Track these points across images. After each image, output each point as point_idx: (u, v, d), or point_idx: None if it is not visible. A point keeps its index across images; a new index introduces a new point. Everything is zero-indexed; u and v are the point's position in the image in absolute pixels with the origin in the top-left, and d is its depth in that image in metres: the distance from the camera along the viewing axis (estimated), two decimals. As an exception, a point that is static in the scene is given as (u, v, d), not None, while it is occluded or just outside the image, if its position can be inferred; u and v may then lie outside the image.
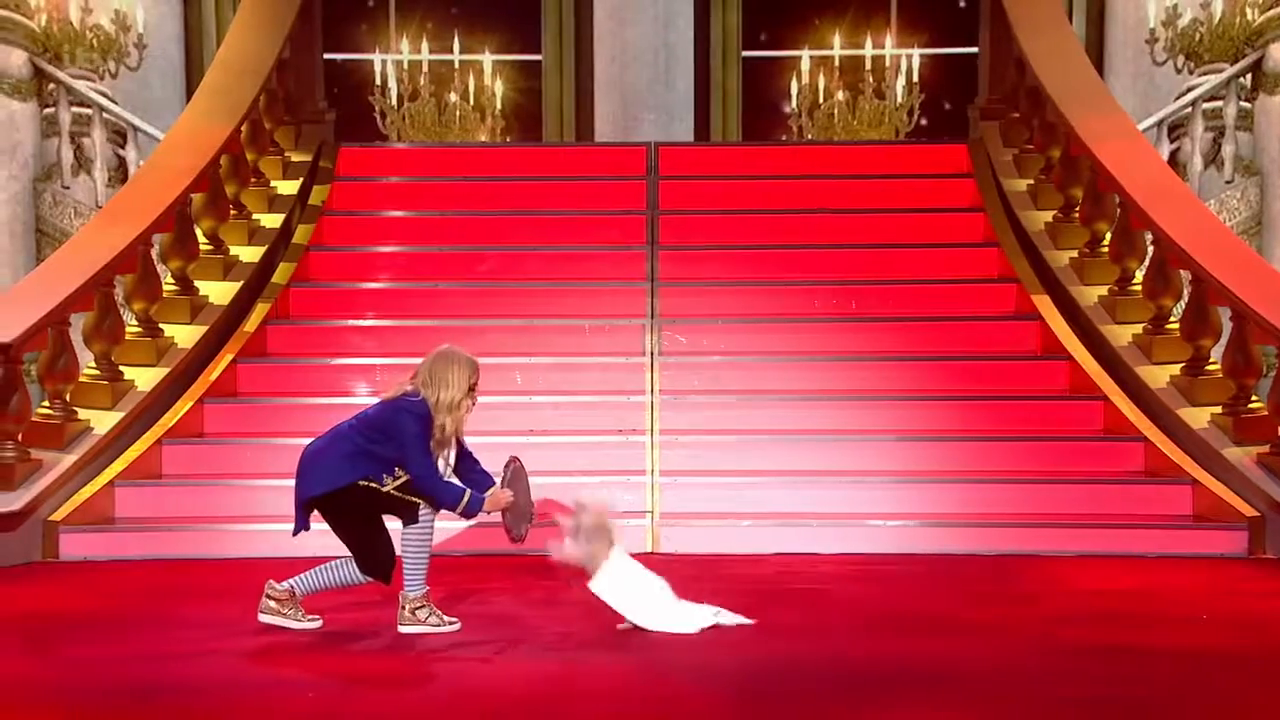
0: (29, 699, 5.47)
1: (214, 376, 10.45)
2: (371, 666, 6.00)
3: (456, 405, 6.62)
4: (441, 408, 6.58)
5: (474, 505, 6.69)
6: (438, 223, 12.44)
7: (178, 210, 10.70)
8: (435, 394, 6.58)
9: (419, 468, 6.52)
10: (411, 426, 6.52)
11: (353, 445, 6.60)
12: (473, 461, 6.98)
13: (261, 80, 12.21)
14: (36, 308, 9.09)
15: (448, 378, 6.64)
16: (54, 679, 5.80)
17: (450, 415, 6.61)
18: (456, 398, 6.62)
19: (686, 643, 6.44)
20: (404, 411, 6.55)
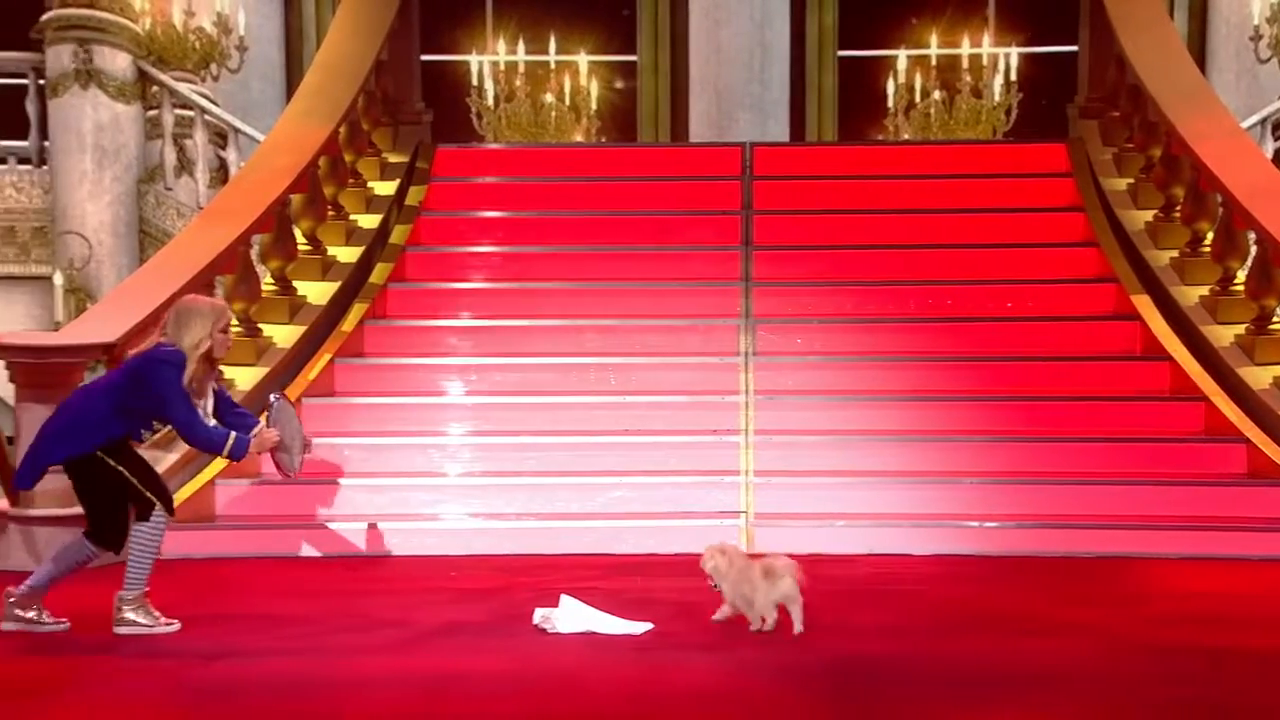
0: (125, 696, 5.52)
1: (312, 376, 10.51)
2: (469, 664, 6.00)
3: (198, 345, 6.53)
4: (188, 352, 6.52)
5: (239, 447, 6.67)
6: (532, 223, 12.45)
7: (277, 211, 10.77)
8: (182, 341, 6.52)
9: (180, 414, 6.50)
10: (166, 374, 6.47)
11: (109, 403, 6.54)
12: (231, 404, 6.95)
13: (360, 82, 12.27)
14: (139, 308, 9.17)
15: (190, 323, 6.56)
16: (149, 677, 5.85)
17: (193, 355, 6.52)
18: (199, 338, 6.53)
19: (779, 642, 6.40)
20: (156, 361, 6.51)
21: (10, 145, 15.38)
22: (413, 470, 9.77)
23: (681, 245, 12.00)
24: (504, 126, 17.54)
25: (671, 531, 9.06)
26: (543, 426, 10.15)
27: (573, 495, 9.48)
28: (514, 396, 10.48)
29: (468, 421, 10.28)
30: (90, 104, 14.64)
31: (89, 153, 14.74)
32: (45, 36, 14.82)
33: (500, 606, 7.16)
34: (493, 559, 8.56)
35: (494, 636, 6.57)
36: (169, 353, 6.50)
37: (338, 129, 11.79)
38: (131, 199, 14.97)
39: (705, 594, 7.57)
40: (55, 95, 14.77)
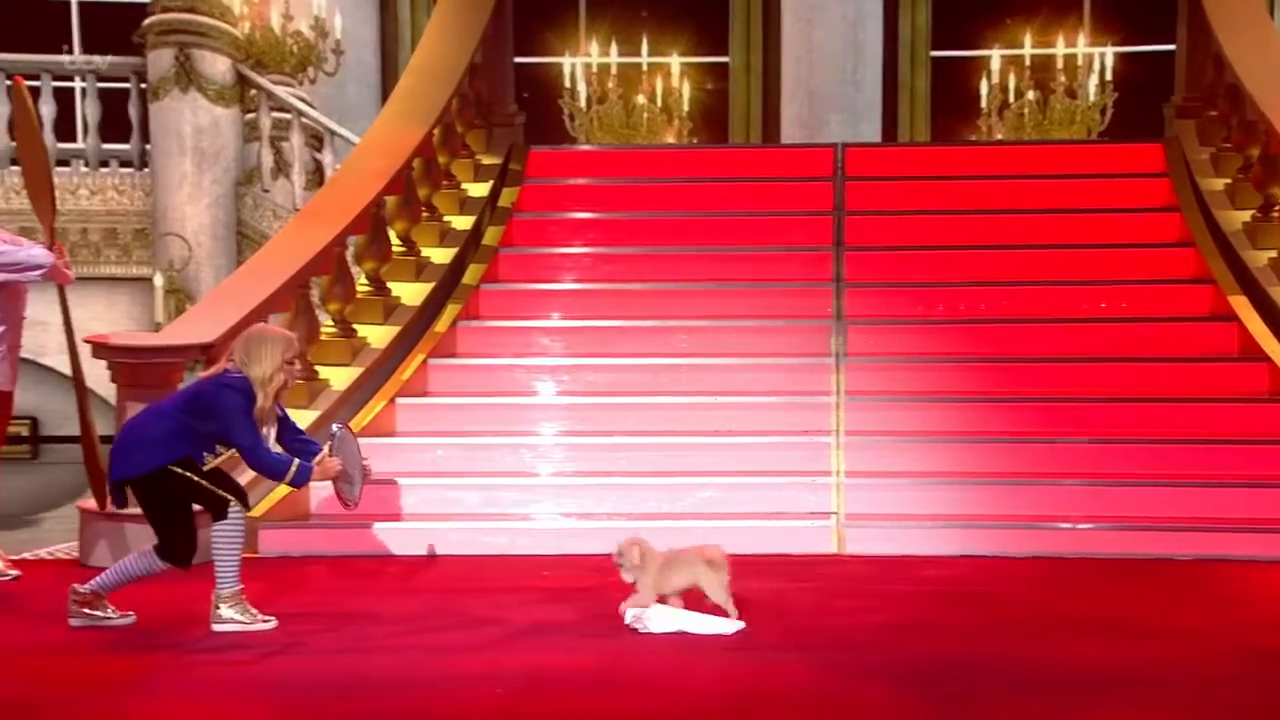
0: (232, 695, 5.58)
1: (406, 376, 10.58)
2: (561, 663, 6.01)
3: (269, 380, 6.59)
4: (256, 383, 6.58)
5: (302, 474, 6.73)
6: (624, 224, 12.47)
7: (372, 213, 10.85)
8: (251, 371, 6.58)
9: (245, 440, 6.55)
10: (234, 401, 6.53)
11: (174, 424, 6.60)
12: (296, 431, 7.00)
13: (454, 84, 12.33)
14: (236, 309, 9.26)
15: (261, 355, 6.61)
16: (253, 673, 5.91)
17: (263, 390, 6.59)
18: (269, 372, 6.59)
19: (872, 643, 6.37)
20: (226, 388, 6.56)
21: (113, 149, 15.61)
22: (505, 470, 9.81)
23: (773, 246, 11.97)
24: (596, 128, 17.60)
25: (762, 532, 9.04)
26: (634, 427, 10.16)
27: (664, 495, 9.48)
28: (605, 397, 10.49)
29: (559, 421, 10.31)
30: (190, 107, 14.84)
31: (189, 155, 14.93)
32: (147, 41, 15.03)
33: (592, 606, 7.16)
34: (585, 558, 8.56)
35: (586, 635, 6.58)
36: (236, 379, 6.57)
37: (432, 131, 11.85)
38: (229, 201, 15.15)
39: (798, 594, 7.59)
40: (156, 99, 14.98)
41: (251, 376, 6.57)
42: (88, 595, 6.77)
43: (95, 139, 15.42)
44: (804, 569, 8.40)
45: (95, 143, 15.43)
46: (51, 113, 15.15)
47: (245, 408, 6.54)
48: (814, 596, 7.60)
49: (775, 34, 20.41)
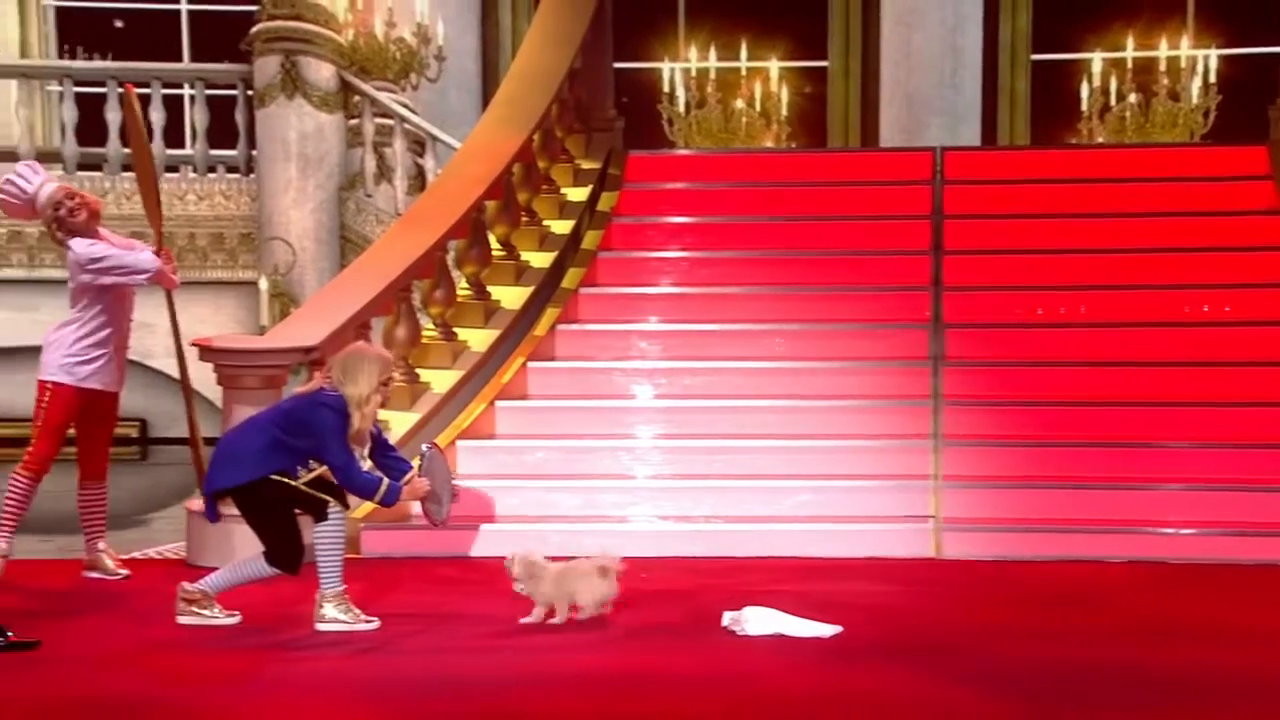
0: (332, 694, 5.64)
1: (506, 379, 10.64)
2: (660, 664, 6.03)
3: (366, 401, 6.64)
4: (352, 403, 6.62)
5: (392, 494, 6.79)
6: (722, 228, 12.45)
7: (472, 217, 10.91)
8: (347, 390, 6.63)
9: (338, 459, 6.60)
10: (329, 420, 6.59)
11: (269, 438, 6.66)
12: (388, 449, 7.07)
13: (554, 90, 12.37)
14: (339, 312, 9.35)
15: (358, 375, 6.66)
16: (357, 673, 5.98)
17: (360, 411, 6.64)
18: (365, 393, 6.64)
19: (969, 648, 6.35)
20: (322, 406, 6.62)
21: (220, 154, 15.84)
22: (603, 473, 9.83)
23: (870, 250, 11.91)
24: (695, 132, 17.61)
25: (859, 535, 9.01)
26: (730, 430, 10.15)
27: (760, 498, 9.47)
28: (702, 400, 10.49)
29: (657, 424, 10.32)
30: (295, 113, 15.01)
31: (293, 161, 15.12)
32: (254, 48, 15.24)
33: (690, 608, 7.18)
34: (682, 561, 8.58)
35: (684, 637, 6.59)
36: (332, 398, 6.64)
37: (532, 136, 11.90)
38: (333, 206, 15.31)
39: (894, 598, 7.56)
40: (262, 105, 15.18)
41: (347, 396, 6.64)
42: (196, 594, 6.86)
43: (203, 145, 15.65)
44: (901, 573, 8.36)
45: (203, 149, 15.66)
46: (161, 119, 15.39)
47: (340, 427, 6.61)
48: (910, 600, 7.57)
49: (874, 38, 20.36)
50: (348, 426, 6.63)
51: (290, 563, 6.77)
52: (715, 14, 20.37)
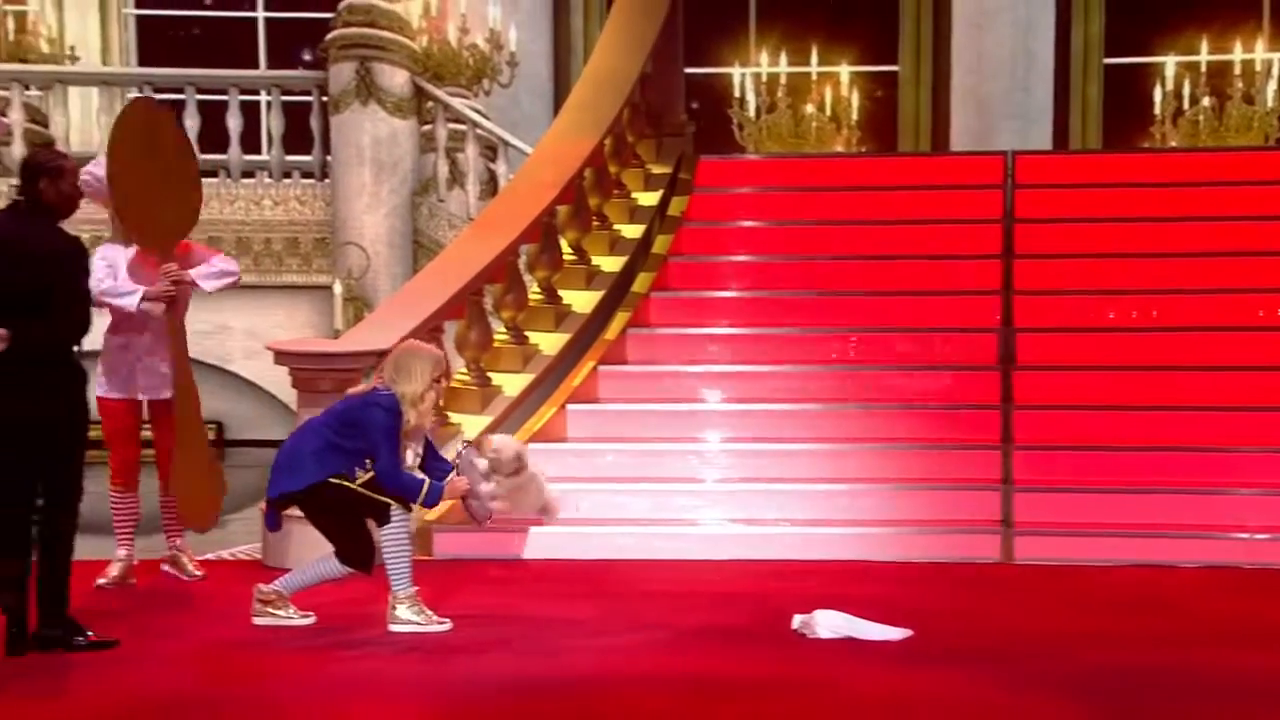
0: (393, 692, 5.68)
1: (576, 383, 10.65)
2: (730, 667, 6.03)
3: (420, 399, 6.68)
4: (406, 401, 6.65)
5: (433, 494, 6.81)
6: (792, 232, 12.41)
7: (544, 222, 10.93)
8: (400, 389, 6.66)
9: (384, 461, 6.63)
10: (380, 419, 6.62)
11: (323, 440, 6.71)
12: (435, 454, 7.08)
13: (625, 95, 12.38)
14: (412, 316, 9.39)
15: (411, 372, 6.70)
16: (430, 674, 6.01)
17: (415, 409, 6.67)
18: (419, 390, 6.68)
19: (1042, 653, 6.31)
20: (373, 406, 6.65)
21: (295, 160, 15.96)
22: (674, 475, 9.83)
23: (941, 254, 11.85)
24: (765, 137, 17.57)
25: (930, 540, 8.98)
26: (800, 433, 10.13)
27: (830, 502, 9.44)
28: (772, 404, 10.47)
29: (727, 428, 10.31)
30: (369, 119, 15.11)
31: (367, 166, 15.21)
32: (329, 55, 15.35)
33: (759, 610, 7.17)
34: (751, 564, 8.58)
35: (753, 640, 6.59)
36: (384, 397, 6.68)
37: (603, 141, 11.91)
38: (406, 211, 15.40)
39: (966, 602, 7.53)
40: (337, 111, 15.28)
41: (401, 394, 6.68)
42: (271, 595, 6.92)
43: (279, 151, 15.77)
44: (972, 577, 8.32)
45: (279, 155, 15.78)
46: (238, 126, 15.52)
47: (391, 426, 6.65)
48: (981, 604, 7.53)
49: (945, 42, 20.27)
50: (400, 425, 6.67)
51: (362, 561, 6.82)
52: (786, 19, 20.35)
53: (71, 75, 16.76)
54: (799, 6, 20.71)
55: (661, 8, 13.26)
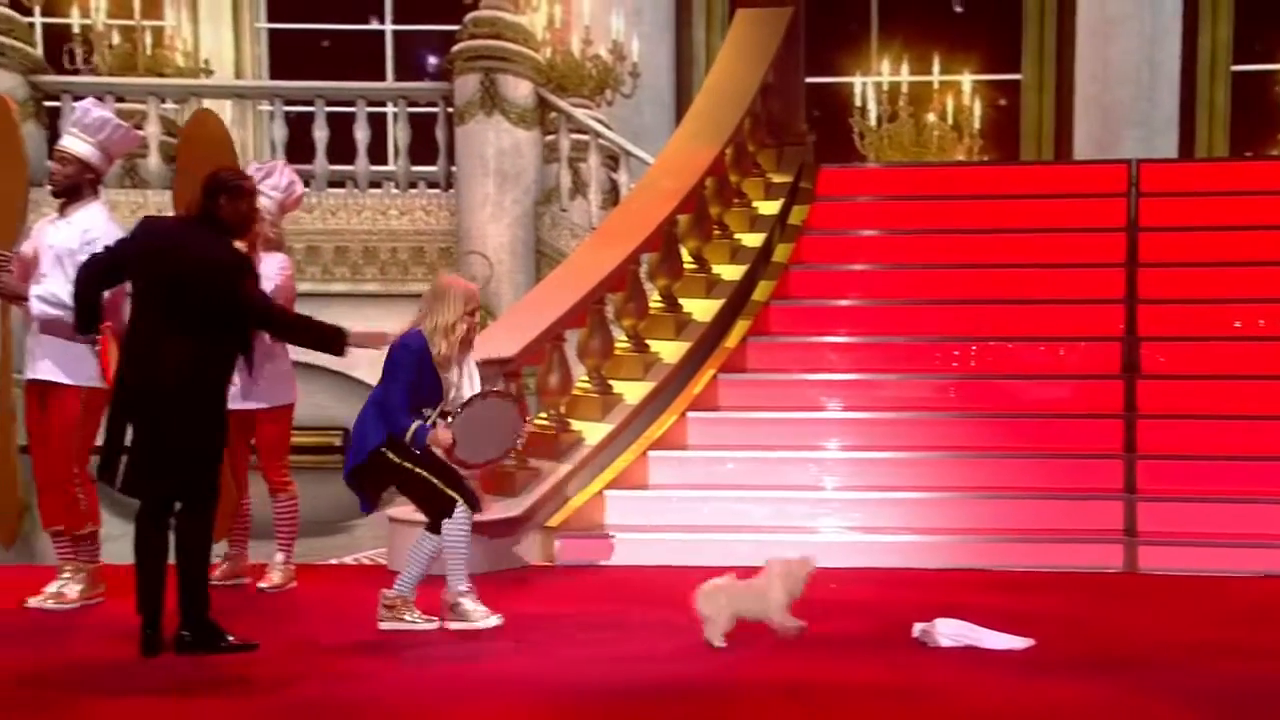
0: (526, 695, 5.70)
1: (696, 390, 10.63)
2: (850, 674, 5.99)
3: (451, 329, 6.79)
4: (438, 331, 6.76)
5: (419, 435, 6.78)
6: (912, 241, 12.34)
7: (665, 231, 10.94)
8: (432, 320, 6.77)
9: (394, 390, 6.73)
10: (400, 356, 6.75)
11: (369, 411, 6.84)
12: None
13: (746, 105, 12.37)
14: (534, 324, 9.45)
15: (444, 303, 6.81)
16: (550, 677, 6.02)
17: (446, 339, 6.77)
18: (451, 320, 6.79)
19: (1168, 662, 6.22)
20: (398, 346, 6.77)
21: (421, 170, 16.11)
22: (793, 484, 9.80)
23: (1064, 263, 11.69)
24: (886, 146, 17.50)
25: (1053, 548, 8.89)
26: (920, 442, 10.06)
27: (949, 510, 9.38)
28: (891, 412, 10.39)
29: (846, 436, 10.25)
30: (493, 130, 15.21)
31: (491, 177, 15.31)
32: (454, 67, 15.48)
33: (879, 618, 7.12)
34: (871, 572, 8.51)
35: (874, 647, 6.54)
36: (411, 335, 6.81)
37: (724, 151, 11.91)
38: (529, 220, 15.47)
39: (1090, 611, 7.44)
40: (462, 122, 15.41)
41: (434, 325, 6.79)
42: (395, 600, 6.98)
43: (405, 162, 15.93)
44: (1096, 586, 8.21)
45: (405, 165, 15.94)
46: (366, 137, 15.71)
47: (406, 362, 6.75)
48: (1106, 613, 7.43)
49: (1069, 50, 20.04)
50: (420, 362, 6.75)
51: (449, 507, 6.86)
52: (908, 27, 20.21)
53: (205, 88, 17.05)
54: (921, 15, 20.57)
55: (783, 19, 13.24)
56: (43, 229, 7.40)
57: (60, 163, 7.34)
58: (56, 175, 7.35)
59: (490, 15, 15.33)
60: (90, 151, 7.33)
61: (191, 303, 6.24)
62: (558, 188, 15.54)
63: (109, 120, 7.42)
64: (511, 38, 15.30)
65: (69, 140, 7.38)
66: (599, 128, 15.43)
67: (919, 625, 6.67)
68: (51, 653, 6.47)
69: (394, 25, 20.93)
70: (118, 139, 7.48)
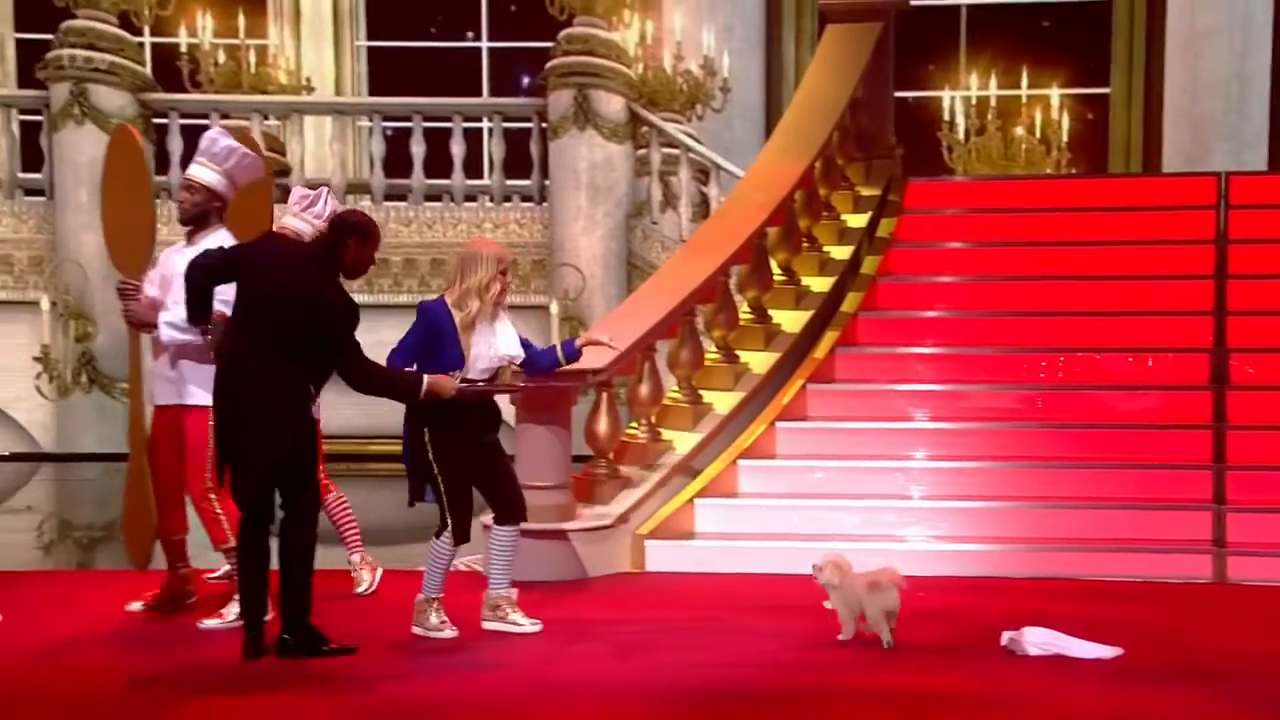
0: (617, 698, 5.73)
1: (785, 400, 10.61)
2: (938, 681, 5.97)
3: (485, 288, 6.84)
4: (471, 292, 6.81)
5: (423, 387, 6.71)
6: (1000, 253, 12.24)
7: (754, 243, 10.93)
8: (465, 281, 6.83)
9: (400, 349, 6.83)
10: (419, 321, 6.85)
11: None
12: (530, 344, 7.26)
13: (835, 119, 12.34)
14: (626, 335, 9.44)
15: (477, 263, 6.86)
16: (641, 681, 6.05)
17: (480, 298, 6.82)
18: (485, 280, 6.83)
19: (1258, 674, 6.15)
20: (420, 312, 6.90)
21: (515, 184, 16.22)
22: (881, 492, 9.76)
23: (1152, 275, 11.57)
24: (974, 159, 17.40)
25: (1140, 558, 8.77)
26: (1007, 452, 9.98)
27: (1035, 520, 9.30)
28: (978, 423, 10.32)
29: (933, 446, 10.20)
30: (586, 144, 15.31)
31: (584, 190, 15.41)
32: (548, 83, 15.60)
33: (967, 627, 7.08)
34: (958, 580, 8.46)
35: (961, 655, 6.51)
36: (430, 302, 6.95)
37: (813, 164, 11.88)
38: (620, 233, 15.55)
39: (1177, 621, 7.35)
40: (555, 137, 15.52)
41: (467, 287, 6.83)
42: (498, 600, 7.04)
43: (500, 176, 16.05)
44: (1184, 597, 8.11)
45: (500, 179, 16.06)
46: (461, 151, 15.85)
47: (421, 326, 6.83)
48: (1194, 624, 7.34)
49: (1158, 64, 19.87)
50: (439, 327, 6.80)
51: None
52: (996, 42, 20.09)
53: (307, 105, 17.28)
54: (1010, 29, 20.44)
55: (872, 34, 13.20)
56: (170, 257, 7.48)
57: (189, 191, 7.43)
58: (185, 203, 7.45)
59: (584, 32, 15.44)
60: (217, 180, 7.44)
61: (294, 330, 6.31)
62: (649, 201, 15.59)
63: (235, 149, 7.52)
64: (604, 54, 15.39)
65: (197, 169, 7.47)
66: (690, 142, 15.47)
67: (1007, 633, 6.63)
68: (156, 657, 6.58)
69: (489, 42, 21.08)
70: (244, 167, 7.58)
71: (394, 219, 15.62)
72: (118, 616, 7.43)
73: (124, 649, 6.76)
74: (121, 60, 15.61)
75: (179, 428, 7.33)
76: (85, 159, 15.13)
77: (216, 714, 5.65)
